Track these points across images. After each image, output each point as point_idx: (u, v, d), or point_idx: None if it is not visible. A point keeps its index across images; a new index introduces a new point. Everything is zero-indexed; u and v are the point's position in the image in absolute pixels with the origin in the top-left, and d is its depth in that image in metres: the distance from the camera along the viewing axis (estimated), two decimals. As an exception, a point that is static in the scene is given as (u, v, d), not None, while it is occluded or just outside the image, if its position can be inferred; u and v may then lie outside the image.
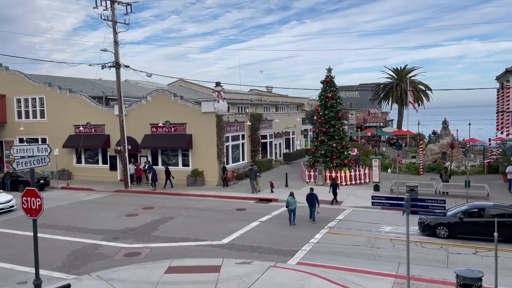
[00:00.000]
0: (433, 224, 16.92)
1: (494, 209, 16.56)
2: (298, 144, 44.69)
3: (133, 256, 15.19)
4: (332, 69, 30.69)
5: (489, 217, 16.07)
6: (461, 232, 16.58)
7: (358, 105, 79.44)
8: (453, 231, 16.64)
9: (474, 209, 16.84)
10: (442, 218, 16.01)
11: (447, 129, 40.77)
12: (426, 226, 17.22)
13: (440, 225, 16.81)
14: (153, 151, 30.75)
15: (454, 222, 16.60)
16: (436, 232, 16.83)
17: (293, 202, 18.96)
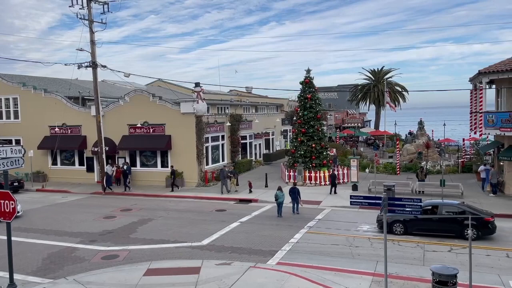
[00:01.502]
0: (389, 222, 17.32)
1: (446, 207, 17.13)
2: (278, 145, 44.89)
3: (111, 259, 14.95)
4: (311, 70, 30.97)
5: (442, 214, 16.72)
6: (416, 229, 17.07)
7: (336, 106, 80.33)
8: (408, 228, 17.09)
9: (428, 206, 17.29)
10: (398, 215, 16.50)
11: (422, 129, 41.72)
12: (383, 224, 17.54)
13: (396, 222, 17.27)
14: (131, 152, 30.36)
15: (410, 219, 16.96)
16: (393, 229, 17.26)
17: (281, 195, 20.58)
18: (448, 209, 17.00)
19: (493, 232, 16.35)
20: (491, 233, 16.37)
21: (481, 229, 16.25)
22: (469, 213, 16.53)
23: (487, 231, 16.26)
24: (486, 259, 14.18)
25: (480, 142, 37.97)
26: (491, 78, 24.01)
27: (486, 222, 16.21)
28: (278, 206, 20.68)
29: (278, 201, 20.66)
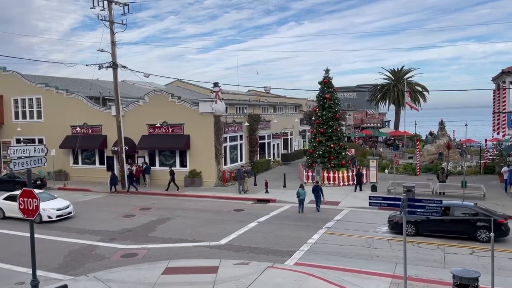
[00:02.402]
0: (401, 222, 16.95)
1: (459, 208, 16.85)
2: (296, 145, 44.73)
3: (130, 257, 15.17)
4: (330, 70, 30.76)
5: (454, 215, 16.45)
6: (427, 230, 16.90)
7: (355, 106, 79.55)
8: (420, 229, 16.89)
9: (444, 207, 16.99)
10: (410, 216, 16.23)
11: (443, 129, 40.93)
12: (394, 224, 17.46)
13: (407, 223, 16.82)
14: (150, 152, 30.72)
15: (421, 220, 16.74)
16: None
17: (303, 192, 21.25)
18: (461, 210, 16.75)
19: (506, 234, 16.09)
20: (504, 235, 16.10)
21: (494, 231, 15.93)
22: (482, 214, 16.31)
23: (500, 233, 15.93)
24: (508, 262, 13.84)
25: (503, 142, 37.04)
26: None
27: (499, 224, 15.94)
28: (300, 203, 21.31)
29: (299, 198, 21.27)
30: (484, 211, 16.64)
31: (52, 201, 21.33)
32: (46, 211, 20.27)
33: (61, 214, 20.78)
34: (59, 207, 20.89)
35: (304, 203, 21.45)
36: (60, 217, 20.68)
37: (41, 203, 20.19)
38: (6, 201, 21.37)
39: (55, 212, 20.58)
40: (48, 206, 20.57)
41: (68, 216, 21.10)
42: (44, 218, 20.22)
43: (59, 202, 21.56)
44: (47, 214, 20.34)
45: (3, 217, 21.23)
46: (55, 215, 20.53)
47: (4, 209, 21.35)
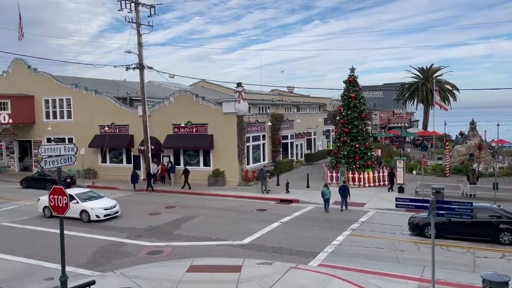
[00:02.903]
0: (421, 224, 16.93)
1: (481, 210, 16.36)
2: (320, 145, 44.34)
3: (156, 254, 15.38)
4: (355, 69, 30.37)
5: (476, 218, 15.87)
6: (448, 232, 16.52)
7: (382, 105, 78.26)
8: (441, 231, 16.44)
9: None
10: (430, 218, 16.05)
11: (474, 130, 39.72)
12: (415, 226, 17.20)
13: (428, 225, 16.64)
14: (175, 151, 31.10)
15: (442, 222, 16.22)
16: (424, 231, 16.82)
17: (328, 192, 21.54)
18: (483, 212, 16.29)
19: None
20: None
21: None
22: (506, 217, 15.87)
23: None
24: (544, 268, 13.28)
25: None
26: (551, 75, 22.45)
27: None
28: (325, 202, 21.61)
29: (325, 198, 21.57)
30: (508, 213, 16.16)
31: (99, 200, 21.18)
32: (95, 210, 20.20)
33: (108, 214, 20.53)
34: (106, 206, 20.66)
35: (329, 203, 21.66)
36: (107, 217, 20.44)
37: (89, 202, 20.31)
38: None
39: (103, 212, 20.37)
40: (96, 205, 20.53)
41: (115, 216, 20.88)
42: (92, 217, 20.13)
43: (107, 201, 21.38)
44: (95, 214, 20.18)
45: (50, 215, 21.00)
46: (103, 215, 20.30)
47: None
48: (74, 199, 20.29)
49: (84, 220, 20.20)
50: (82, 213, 20.36)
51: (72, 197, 20.16)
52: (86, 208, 20.32)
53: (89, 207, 20.37)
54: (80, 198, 20.77)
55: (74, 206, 19.66)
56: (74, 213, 20.11)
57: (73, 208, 19.79)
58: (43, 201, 21.33)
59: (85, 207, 20.37)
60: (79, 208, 20.37)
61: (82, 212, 20.35)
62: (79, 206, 20.41)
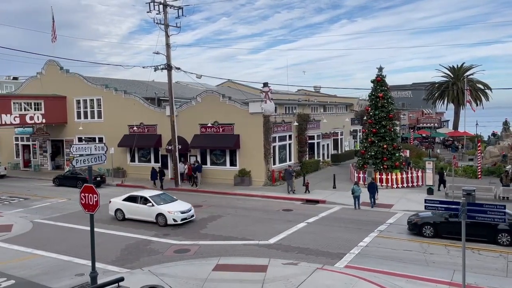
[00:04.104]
0: (420, 223, 17.04)
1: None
2: (347, 145, 43.82)
3: (183, 253, 15.59)
4: (383, 68, 29.86)
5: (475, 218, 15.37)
6: (446, 232, 16.68)
7: (411, 105, 76.63)
8: (438, 231, 16.77)
9: None
10: (429, 217, 16.89)
11: (508, 130, 38.40)
12: (413, 225, 17.26)
13: (426, 224, 16.89)
14: (202, 151, 31.40)
15: (440, 221, 16.76)
16: (422, 231, 16.92)
17: (358, 189, 22.03)
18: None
19: None
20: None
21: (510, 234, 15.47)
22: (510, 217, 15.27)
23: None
24: None
25: None
26: None
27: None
28: (355, 199, 22.01)
29: (354, 195, 21.97)
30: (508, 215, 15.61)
31: (174, 204, 20.13)
32: (172, 214, 19.13)
33: (185, 218, 19.42)
34: (183, 210, 19.60)
35: (360, 200, 22.05)
36: (184, 221, 19.36)
37: (165, 205, 19.74)
38: (126, 202, 20.39)
39: (180, 215, 19.27)
40: (173, 208, 19.49)
41: (191, 220, 19.91)
42: (169, 221, 19.05)
43: (182, 204, 20.31)
44: (172, 217, 19.07)
45: (122, 218, 20.36)
46: (180, 218, 19.19)
47: (125, 210, 20.35)
48: (149, 202, 19.63)
49: (161, 224, 19.18)
50: (158, 217, 19.33)
51: (147, 199, 19.76)
52: (163, 211, 19.24)
53: (166, 210, 19.27)
54: (155, 201, 19.77)
55: (149, 209, 19.58)
56: (150, 216, 19.52)
57: (147, 211, 19.67)
58: (115, 204, 20.74)
59: (161, 211, 19.28)
60: (155, 211, 19.42)
61: (159, 216, 19.31)
62: (154, 209, 19.48)
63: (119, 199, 20.94)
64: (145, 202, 19.89)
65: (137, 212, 20.00)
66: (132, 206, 20.09)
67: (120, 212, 20.48)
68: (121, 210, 20.50)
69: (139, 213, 19.95)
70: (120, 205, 20.60)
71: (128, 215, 20.26)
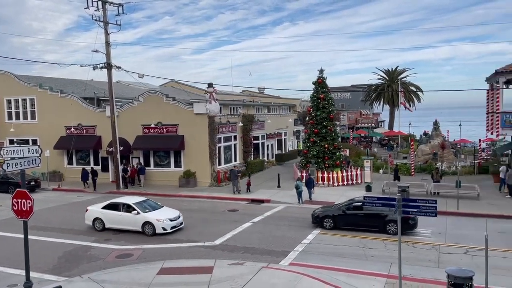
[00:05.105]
0: (321, 216, 18.33)
1: None
2: (290, 145, 44.78)
3: (125, 258, 15.12)
4: (324, 70, 30.87)
5: (368, 210, 17.21)
6: (344, 223, 18.00)
7: (350, 106, 79.81)
8: (337, 223, 18.06)
9: (357, 203, 17.99)
10: (329, 210, 18.30)
11: (438, 130, 41.17)
12: (315, 218, 18.53)
13: (326, 217, 18.20)
14: (145, 152, 30.64)
15: (338, 214, 18.13)
16: (323, 223, 18.14)
17: (301, 185, 23.28)
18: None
19: (414, 227, 17.27)
20: (412, 228, 17.26)
21: (403, 224, 16.53)
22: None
23: (408, 226, 17.03)
24: (503, 262, 13.94)
25: (497, 143, 37.30)
26: (508, 78, 23.60)
27: (407, 218, 16.70)
28: (299, 194, 23.11)
29: (298, 190, 23.01)
30: None
31: (162, 211, 18.74)
32: (161, 222, 17.72)
33: (175, 225, 18.09)
34: (172, 217, 18.25)
35: (302, 195, 23.31)
36: (174, 229, 18.02)
37: (152, 212, 18.34)
38: (106, 211, 18.71)
39: (170, 223, 17.92)
40: (162, 216, 18.06)
41: (180, 228, 18.57)
42: (157, 230, 17.63)
43: (169, 211, 18.97)
44: (161, 226, 17.67)
45: (102, 228, 18.65)
46: (169, 227, 17.84)
47: (105, 219, 18.64)
48: (134, 210, 18.11)
49: (148, 233, 17.74)
50: (145, 226, 17.84)
51: (131, 207, 18.25)
52: (150, 219, 17.79)
53: (154, 218, 17.84)
54: (141, 208, 18.29)
55: (134, 217, 18.06)
56: (135, 225, 18.00)
57: (132, 219, 18.09)
58: (93, 212, 19.03)
59: (149, 219, 17.81)
60: (140, 220, 17.92)
61: (146, 225, 17.83)
62: (140, 217, 17.95)
63: (97, 207, 19.23)
64: (128, 209, 18.38)
65: (120, 221, 18.41)
66: (114, 215, 18.44)
67: (99, 222, 18.74)
68: (101, 219, 18.74)
69: (122, 222, 18.37)
70: (99, 213, 18.82)
71: (109, 225, 18.58)
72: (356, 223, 17.84)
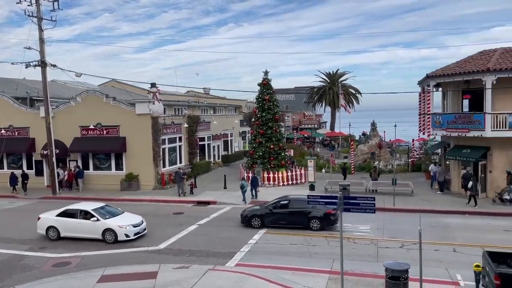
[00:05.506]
0: (249, 216, 18.85)
1: (296, 202, 18.67)
2: (237, 146, 44.89)
3: (63, 266, 14.34)
4: (268, 72, 31.27)
5: (293, 208, 18.36)
6: (270, 222, 18.54)
7: (294, 108, 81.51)
8: (264, 221, 18.56)
9: (284, 201, 18.93)
10: (257, 210, 18.84)
11: (375, 130, 43.26)
12: (244, 218, 18.97)
13: (254, 216, 18.74)
14: (83, 155, 29.29)
15: (266, 213, 18.66)
16: (251, 223, 18.66)
17: (246, 184, 23.91)
18: (298, 204, 18.45)
19: (335, 222, 18.09)
20: (334, 223, 18.14)
21: (324, 220, 18.00)
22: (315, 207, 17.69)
23: (328, 222, 18.02)
24: (435, 254, 14.88)
25: (429, 142, 39.86)
26: (438, 82, 25.27)
27: (328, 214, 17.88)
28: (244, 193, 23.51)
29: (243, 189, 23.49)
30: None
31: (124, 216, 17.79)
32: (123, 228, 16.80)
33: (138, 232, 17.26)
34: (135, 223, 17.34)
35: (247, 194, 23.82)
36: (137, 235, 17.18)
37: (113, 219, 17.19)
38: (62, 218, 17.47)
39: (133, 230, 17.05)
40: (124, 222, 17.13)
41: (143, 234, 17.66)
42: (120, 237, 16.68)
43: (132, 217, 18.03)
44: (124, 232, 16.74)
45: (57, 237, 17.41)
46: (133, 233, 16.96)
47: (60, 228, 17.40)
48: (93, 216, 17.01)
49: (109, 241, 16.74)
50: (105, 233, 16.84)
51: (89, 213, 17.15)
52: (112, 226, 16.83)
53: (116, 225, 16.89)
54: (100, 215, 17.22)
55: (93, 224, 16.94)
56: (95, 233, 16.93)
57: (91, 227, 16.84)
58: (46, 220, 17.70)
59: (110, 225, 16.85)
60: (101, 227, 16.88)
61: (106, 232, 16.83)
62: (101, 224, 16.91)
63: (51, 215, 17.82)
64: (86, 216, 17.22)
65: (77, 229, 17.16)
66: (71, 222, 17.26)
67: (53, 230, 17.48)
68: (55, 228, 17.52)
69: (80, 230, 17.13)
70: (53, 221, 17.57)
71: (65, 233, 17.37)
72: (282, 221, 18.42)
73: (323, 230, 17.79)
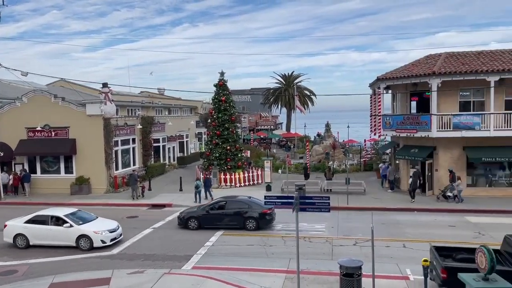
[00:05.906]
0: (186, 218, 18.88)
1: (233, 203, 19.03)
2: (193, 148, 44.40)
3: (8, 275, 13.54)
4: (224, 73, 31.20)
5: (229, 209, 18.63)
6: (207, 223, 18.59)
7: (250, 109, 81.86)
8: (201, 223, 18.58)
9: (221, 202, 19.17)
10: (193, 211, 18.88)
11: (329, 131, 44.28)
12: (181, 220, 19.01)
13: (191, 218, 18.78)
14: (30, 158, 27.83)
15: (202, 214, 18.66)
16: (188, 224, 18.70)
17: (201, 184, 24.20)
18: (235, 204, 18.80)
19: (271, 222, 18.48)
20: (269, 222, 18.46)
21: (260, 220, 18.33)
22: (252, 206, 18.32)
23: (265, 221, 18.27)
24: (386, 250, 15.44)
25: (379, 142, 41.32)
26: (388, 84, 26.31)
27: (264, 214, 18.15)
28: (198, 194, 23.86)
29: (197, 190, 23.83)
30: (253, 203, 18.71)
31: (98, 222, 17.02)
32: (99, 234, 16.00)
33: (115, 237, 16.50)
34: (111, 229, 16.57)
35: (201, 194, 24.12)
36: (114, 241, 16.43)
37: (87, 224, 16.16)
38: (31, 225, 16.40)
39: (109, 235, 16.28)
40: (99, 227, 16.33)
41: (120, 240, 16.93)
42: (95, 244, 15.88)
43: (107, 222, 17.22)
44: (100, 239, 15.96)
45: (26, 245, 16.36)
46: (109, 239, 16.20)
47: (29, 235, 16.33)
48: (66, 222, 16.09)
49: (84, 248, 15.89)
50: (80, 239, 15.97)
51: (61, 219, 16.18)
52: (87, 232, 16.00)
53: (91, 230, 16.06)
54: (73, 220, 16.31)
55: (66, 231, 15.98)
56: (68, 240, 15.99)
57: (64, 234, 15.74)
58: (13, 228, 16.51)
59: (84, 231, 16.01)
60: (75, 233, 15.99)
61: (81, 238, 15.96)
62: (74, 230, 16.01)
63: (19, 222, 16.59)
64: (58, 222, 16.18)
65: (48, 236, 16.07)
66: (41, 229, 16.26)
67: (22, 238, 16.41)
68: (24, 236, 16.44)
69: (51, 237, 16.06)
70: (21, 229, 16.48)
71: (35, 241, 16.36)
72: (219, 222, 18.42)
73: (259, 230, 17.96)
